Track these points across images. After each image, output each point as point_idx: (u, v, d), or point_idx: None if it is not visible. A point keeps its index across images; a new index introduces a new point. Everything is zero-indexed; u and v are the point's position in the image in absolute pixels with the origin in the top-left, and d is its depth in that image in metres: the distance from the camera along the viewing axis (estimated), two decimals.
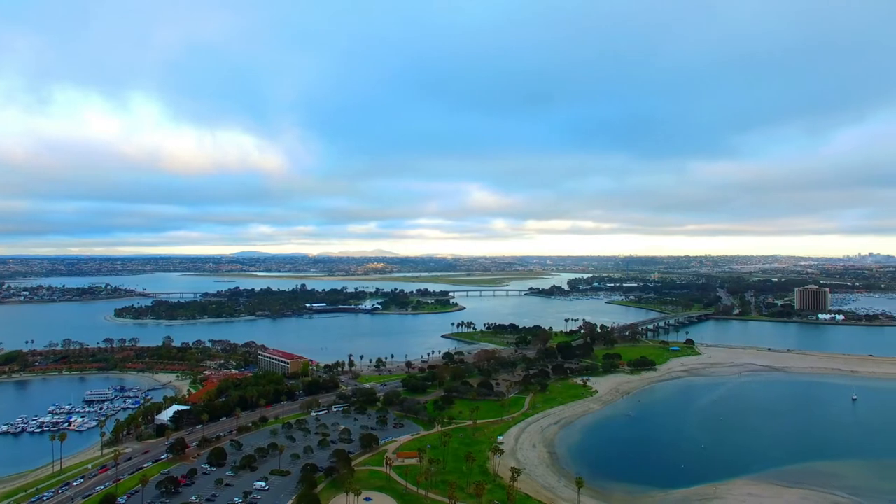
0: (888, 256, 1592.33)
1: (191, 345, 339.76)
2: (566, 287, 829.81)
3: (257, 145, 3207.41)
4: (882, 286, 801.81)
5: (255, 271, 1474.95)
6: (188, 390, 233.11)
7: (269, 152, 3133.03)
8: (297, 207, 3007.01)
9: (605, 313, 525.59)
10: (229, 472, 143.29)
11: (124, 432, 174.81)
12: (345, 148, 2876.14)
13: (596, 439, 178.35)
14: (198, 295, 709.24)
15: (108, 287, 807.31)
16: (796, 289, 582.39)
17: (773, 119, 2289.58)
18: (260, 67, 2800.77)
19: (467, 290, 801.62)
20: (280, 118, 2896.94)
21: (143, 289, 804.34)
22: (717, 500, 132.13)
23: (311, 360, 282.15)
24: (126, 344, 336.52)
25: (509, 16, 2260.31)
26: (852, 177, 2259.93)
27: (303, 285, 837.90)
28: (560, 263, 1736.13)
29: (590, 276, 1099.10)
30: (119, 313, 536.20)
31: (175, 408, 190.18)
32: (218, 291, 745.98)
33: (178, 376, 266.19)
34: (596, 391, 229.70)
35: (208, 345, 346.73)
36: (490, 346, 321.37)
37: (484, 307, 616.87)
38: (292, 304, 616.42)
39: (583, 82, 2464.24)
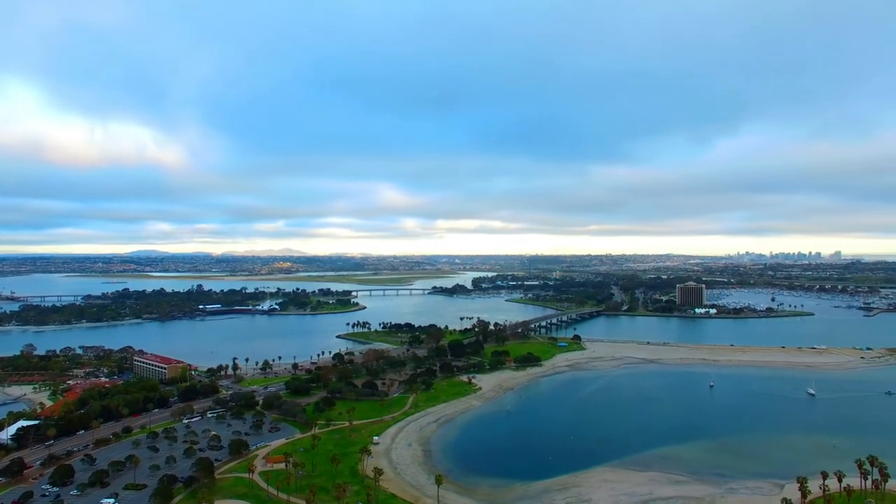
0: (760, 255, 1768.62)
1: (58, 352, 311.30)
2: (470, 286, 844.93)
3: (155, 139, 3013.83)
4: (752, 282, 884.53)
5: (151, 271, 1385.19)
6: (40, 403, 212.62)
7: (169, 147, 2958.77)
8: (200, 204, 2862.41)
9: (504, 311, 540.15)
10: (74, 491, 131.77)
11: None
12: (250, 144, 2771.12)
13: (472, 436, 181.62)
14: (78, 298, 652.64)
15: None
16: (678, 285, 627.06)
17: (662, 127, 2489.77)
18: (157, 57, 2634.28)
19: (371, 290, 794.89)
20: (180, 111, 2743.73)
21: (12, 292, 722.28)
22: (576, 488, 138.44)
23: (190, 365, 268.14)
24: None
25: (416, 19, 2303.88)
26: (731, 183, 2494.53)
27: (199, 286, 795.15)
28: (468, 262, 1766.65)
29: (494, 274, 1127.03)
30: None
31: (21, 423, 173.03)
32: (103, 293, 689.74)
33: (35, 388, 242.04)
34: (480, 388, 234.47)
35: (79, 351, 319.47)
36: (383, 346, 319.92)
37: (386, 306, 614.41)
38: (185, 305, 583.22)
39: (487, 86, 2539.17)
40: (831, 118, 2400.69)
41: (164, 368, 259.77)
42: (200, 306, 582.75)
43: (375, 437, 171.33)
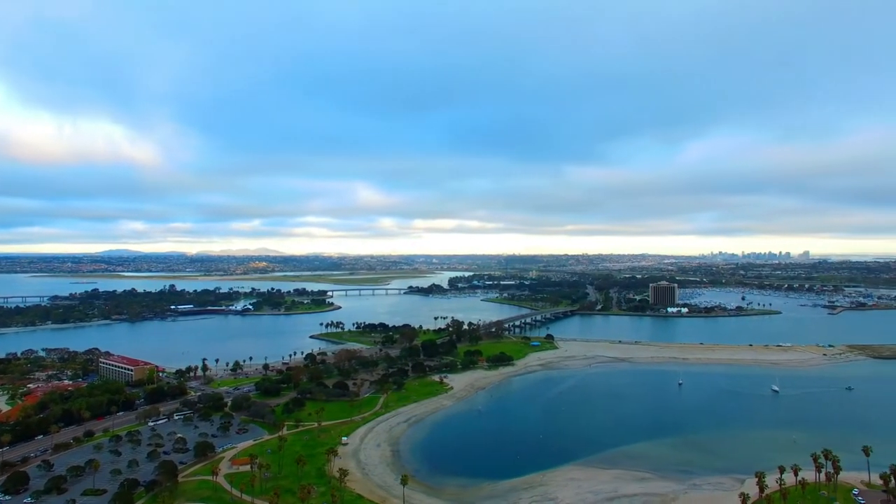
0: (733, 255, 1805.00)
1: (19, 355, 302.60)
2: (446, 286, 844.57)
3: (127, 136, 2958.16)
4: (723, 281, 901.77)
5: (123, 271, 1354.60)
6: None
7: (141, 144, 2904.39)
8: (174, 203, 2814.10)
9: (479, 310, 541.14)
10: (28, 499, 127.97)
11: None
12: (225, 143, 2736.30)
13: (442, 436, 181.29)
14: (44, 298, 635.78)
15: None
16: (651, 285, 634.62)
17: (634, 129, 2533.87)
18: (128, 53, 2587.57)
19: (346, 290, 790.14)
20: (153, 109, 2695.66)
21: None
22: (542, 486, 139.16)
23: (158, 366, 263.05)
24: None
25: (393, 19, 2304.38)
26: (702, 184, 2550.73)
27: (172, 286, 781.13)
28: (445, 262, 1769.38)
29: (471, 274, 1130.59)
30: None
31: None
32: (71, 294, 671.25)
33: None
34: (451, 388, 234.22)
35: (42, 354, 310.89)
36: (356, 346, 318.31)
37: (362, 306, 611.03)
38: (156, 306, 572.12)
39: (464, 87, 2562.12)
40: (794, 123, 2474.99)
41: (131, 370, 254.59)
42: (172, 307, 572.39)
43: (344, 438, 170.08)
